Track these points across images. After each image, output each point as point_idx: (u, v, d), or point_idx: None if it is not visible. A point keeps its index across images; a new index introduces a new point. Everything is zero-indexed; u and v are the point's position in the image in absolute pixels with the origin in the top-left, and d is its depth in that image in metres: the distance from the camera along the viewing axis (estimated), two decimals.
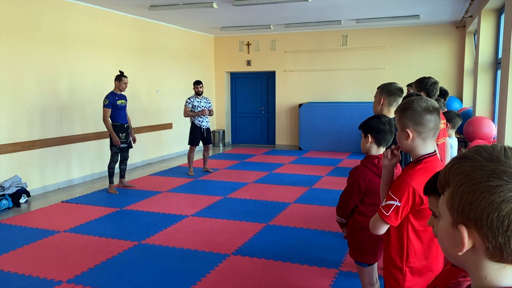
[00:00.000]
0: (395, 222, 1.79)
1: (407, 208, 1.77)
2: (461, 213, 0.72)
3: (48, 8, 6.33)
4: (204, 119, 7.50)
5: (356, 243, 2.61)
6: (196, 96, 7.46)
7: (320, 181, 7.00)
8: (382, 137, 2.46)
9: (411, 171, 1.80)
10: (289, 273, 3.58)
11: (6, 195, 5.50)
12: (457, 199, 0.72)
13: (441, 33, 9.48)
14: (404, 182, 1.77)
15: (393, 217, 1.77)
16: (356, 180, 2.50)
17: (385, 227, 1.83)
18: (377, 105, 2.90)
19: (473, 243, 0.72)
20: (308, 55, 10.55)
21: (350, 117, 9.71)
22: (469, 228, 0.71)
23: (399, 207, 1.76)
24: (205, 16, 8.32)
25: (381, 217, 1.80)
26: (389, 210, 1.77)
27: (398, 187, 1.79)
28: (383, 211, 1.79)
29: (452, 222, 0.74)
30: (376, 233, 1.86)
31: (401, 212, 1.77)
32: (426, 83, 3.55)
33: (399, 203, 1.76)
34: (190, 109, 7.39)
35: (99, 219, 5.07)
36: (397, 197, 1.77)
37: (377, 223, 1.83)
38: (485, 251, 0.71)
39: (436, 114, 1.79)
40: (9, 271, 3.63)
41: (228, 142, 11.66)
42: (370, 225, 1.89)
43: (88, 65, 7.11)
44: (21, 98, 5.99)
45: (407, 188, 1.75)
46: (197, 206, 5.56)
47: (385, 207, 1.79)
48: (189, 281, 3.43)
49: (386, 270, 1.94)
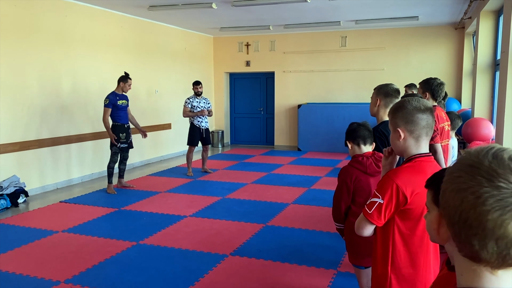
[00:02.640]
0: (378, 222, 1.72)
1: (390, 207, 1.69)
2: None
3: (47, 8, 6.32)
4: (203, 120, 7.51)
5: (352, 246, 2.61)
6: (196, 97, 7.47)
7: (319, 181, 7.01)
8: (355, 135, 2.59)
9: (397, 168, 1.76)
10: (287, 273, 3.58)
11: (4, 195, 5.49)
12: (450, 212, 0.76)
13: (440, 35, 9.50)
14: (388, 179, 1.71)
15: (375, 215, 1.70)
16: (343, 179, 2.58)
17: (370, 227, 1.76)
18: (373, 107, 2.86)
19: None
20: (307, 56, 10.55)
21: (349, 118, 9.67)
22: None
23: (381, 205, 1.69)
24: (204, 17, 8.33)
25: (364, 215, 1.74)
26: (372, 208, 1.71)
27: (382, 184, 1.73)
28: (366, 209, 1.73)
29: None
30: (361, 233, 1.79)
31: (384, 211, 1.70)
32: (432, 83, 3.54)
33: (382, 200, 1.69)
34: (189, 109, 7.40)
35: (97, 219, 5.07)
36: (380, 194, 1.70)
37: (360, 223, 1.77)
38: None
39: (428, 113, 1.74)
40: (7, 271, 3.63)
41: (227, 142, 11.66)
42: (355, 226, 1.82)
43: (87, 65, 7.11)
44: (20, 97, 5.98)
45: (390, 185, 1.69)
46: (195, 206, 5.56)
47: (368, 205, 1.73)
48: (187, 281, 3.43)
49: (374, 275, 1.87)
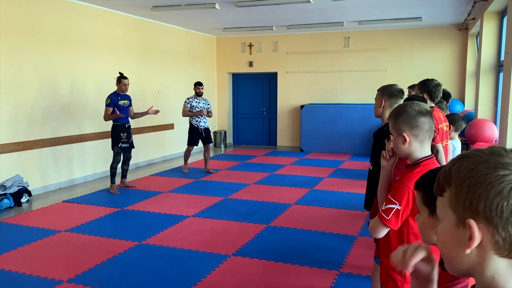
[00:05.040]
0: (396, 226, 1.80)
1: (407, 211, 1.79)
2: (469, 207, 0.72)
3: (50, 8, 6.34)
4: (201, 120, 7.57)
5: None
6: (196, 97, 7.53)
7: (322, 182, 7.00)
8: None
9: (409, 174, 1.81)
10: (289, 274, 3.58)
11: (8, 195, 5.51)
12: (462, 194, 0.72)
13: (444, 35, 9.47)
14: (404, 186, 1.79)
15: (393, 221, 1.79)
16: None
17: (385, 230, 1.85)
18: (378, 108, 2.84)
19: (480, 239, 0.71)
20: (310, 57, 10.54)
21: (352, 119, 9.70)
22: (477, 222, 0.71)
23: (399, 211, 1.78)
24: (208, 17, 8.33)
25: (382, 221, 1.81)
26: (390, 214, 1.79)
27: (397, 190, 1.81)
28: (383, 215, 1.80)
29: (457, 220, 0.74)
30: (376, 236, 1.88)
31: (401, 216, 1.79)
32: (429, 85, 3.54)
33: (399, 207, 1.77)
34: (188, 109, 7.46)
35: (100, 219, 5.08)
36: (397, 201, 1.78)
37: (377, 227, 1.84)
38: (493, 246, 0.71)
39: (429, 116, 1.81)
40: (10, 270, 3.63)
41: (229, 143, 11.66)
42: (370, 229, 1.90)
43: (90, 65, 7.12)
44: (23, 97, 6.00)
45: (406, 191, 1.77)
46: (198, 206, 5.56)
47: (385, 211, 1.81)
48: (189, 281, 3.43)
49: (384, 272, 1.94)
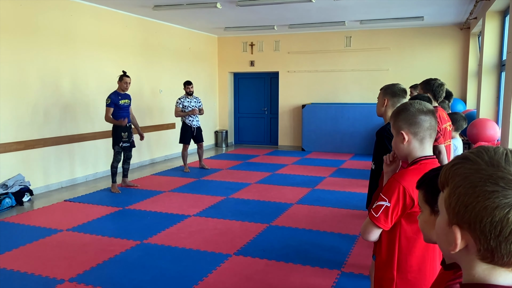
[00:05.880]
0: (386, 225, 1.68)
1: (397, 210, 1.66)
2: (456, 214, 0.73)
3: (52, 8, 6.35)
4: (194, 118, 7.73)
5: None
6: (187, 96, 7.69)
7: (323, 182, 6.99)
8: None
9: (403, 170, 1.74)
10: (291, 273, 3.58)
11: (9, 194, 5.51)
12: (453, 199, 0.74)
13: (445, 35, 9.46)
14: (395, 181, 1.68)
15: (382, 219, 1.66)
16: None
17: (376, 231, 1.71)
18: (380, 107, 2.83)
19: (466, 244, 0.74)
20: (311, 56, 10.54)
21: (353, 119, 9.69)
22: (463, 230, 0.73)
23: (388, 208, 1.65)
24: (209, 16, 8.33)
25: (371, 219, 1.69)
26: (379, 211, 1.67)
27: (388, 186, 1.70)
28: (373, 212, 1.69)
29: (448, 221, 0.76)
30: (367, 238, 1.74)
31: (391, 214, 1.66)
32: (433, 84, 3.53)
33: (389, 203, 1.65)
34: (180, 109, 7.60)
35: (101, 218, 5.08)
36: (386, 197, 1.67)
37: (367, 227, 1.71)
38: (476, 252, 0.73)
39: (431, 115, 1.73)
40: (11, 269, 3.64)
41: (231, 142, 11.66)
42: (361, 230, 1.78)
43: (91, 65, 7.13)
44: (25, 96, 6.01)
45: (397, 187, 1.65)
46: (199, 206, 5.56)
47: (374, 208, 1.69)
48: (191, 281, 3.43)
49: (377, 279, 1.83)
